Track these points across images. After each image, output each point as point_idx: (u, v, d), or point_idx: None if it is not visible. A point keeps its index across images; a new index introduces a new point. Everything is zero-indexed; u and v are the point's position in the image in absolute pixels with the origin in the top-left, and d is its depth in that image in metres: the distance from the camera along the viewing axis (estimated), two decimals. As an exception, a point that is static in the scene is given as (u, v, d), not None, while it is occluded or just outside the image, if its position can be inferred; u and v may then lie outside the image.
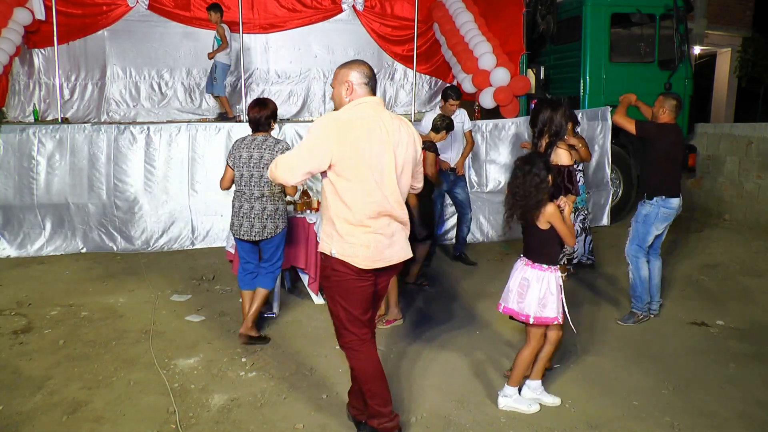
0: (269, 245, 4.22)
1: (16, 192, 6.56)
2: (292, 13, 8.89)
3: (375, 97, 2.80)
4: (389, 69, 9.37)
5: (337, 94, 2.81)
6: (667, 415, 3.35)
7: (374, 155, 2.67)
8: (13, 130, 6.63)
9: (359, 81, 2.75)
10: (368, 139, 2.66)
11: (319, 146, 2.63)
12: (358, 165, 2.64)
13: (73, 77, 8.41)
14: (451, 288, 5.51)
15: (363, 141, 2.65)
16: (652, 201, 4.52)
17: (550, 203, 3.24)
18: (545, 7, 8.60)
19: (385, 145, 2.70)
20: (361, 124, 2.67)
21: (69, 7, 7.95)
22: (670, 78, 7.80)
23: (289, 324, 4.65)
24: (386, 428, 2.93)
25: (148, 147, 6.80)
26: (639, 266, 4.64)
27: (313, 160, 2.66)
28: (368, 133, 2.67)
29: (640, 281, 4.64)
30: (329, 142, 2.62)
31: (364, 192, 2.68)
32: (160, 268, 6.06)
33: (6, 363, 3.91)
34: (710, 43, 14.07)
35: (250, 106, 4.20)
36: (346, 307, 2.84)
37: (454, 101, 5.96)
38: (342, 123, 2.67)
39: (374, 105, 2.77)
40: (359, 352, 2.89)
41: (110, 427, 3.20)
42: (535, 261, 3.31)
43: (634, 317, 4.67)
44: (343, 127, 2.65)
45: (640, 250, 4.63)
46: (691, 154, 8.39)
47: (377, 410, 2.92)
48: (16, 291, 5.29)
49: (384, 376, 2.95)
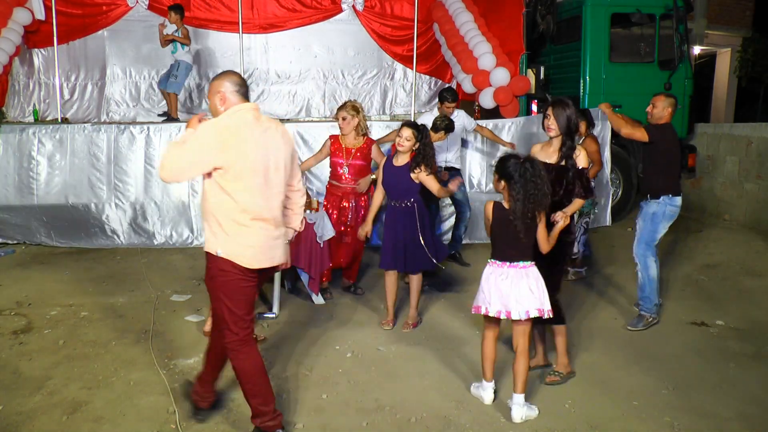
0: None
1: (16, 192, 6.56)
2: (292, 13, 8.89)
3: (250, 103, 2.94)
4: (389, 69, 9.37)
5: (212, 105, 2.92)
6: (667, 415, 3.36)
7: (258, 159, 2.81)
8: (13, 130, 6.64)
9: (231, 90, 2.86)
10: (251, 144, 2.79)
11: (203, 152, 2.74)
12: (244, 168, 2.77)
13: (73, 77, 8.42)
14: (451, 287, 5.51)
15: (247, 145, 2.78)
16: (659, 200, 4.49)
17: None
18: (545, 7, 8.60)
19: (266, 149, 2.85)
20: (244, 130, 2.80)
21: (69, 7, 7.95)
22: (670, 78, 7.79)
23: (289, 324, 4.65)
24: (268, 427, 2.97)
25: (148, 147, 6.80)
26: (648, 265, 4.56)
27: (198, 166, 2.79)
28: (251, 138, 2.80)
29: (649, 281, 4.57)
30: (213, 148, 2.73)
31: (251, 193, 2.81)
32: (160, 268, 6.05)
33: (6, 363, 3.91)
34: (710, 43, 14.06)
35: None
36: (231, 307, 2.88)
37: (449, 103, 5.94)
38: (224, 129, 2.77)
39: (251, 111, 2.89)
40: (239, 352, 2.92)
41: (110, 427, 3.20)
42: (527, 260, 3.30)
43: (643, 321, 4.57)
44: (225, 133, 2.76)
45: (648, 249, 4.57)
46: (691, 154, 8.38)
47: (260, 410, 2.97)
48: (16, 291, 5.29)
49: (265, 375, 3.01)
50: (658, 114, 4.54)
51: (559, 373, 3.72)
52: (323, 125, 7.17)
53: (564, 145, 3.61)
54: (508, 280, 3.27)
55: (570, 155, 3.60)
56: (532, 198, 3.18)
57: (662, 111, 4.52)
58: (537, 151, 3.75)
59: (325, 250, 4.99)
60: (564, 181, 3.60)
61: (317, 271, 4.97)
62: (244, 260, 2.83)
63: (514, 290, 3.26)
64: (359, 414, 3.34)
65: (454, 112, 6.06)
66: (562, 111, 3.59)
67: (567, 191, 3.60)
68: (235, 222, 2.80)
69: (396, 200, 4.45)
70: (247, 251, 2.83)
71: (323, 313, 4.88)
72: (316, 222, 4.95)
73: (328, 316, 4.81)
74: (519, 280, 3.27)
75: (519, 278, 3.27)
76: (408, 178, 4.35)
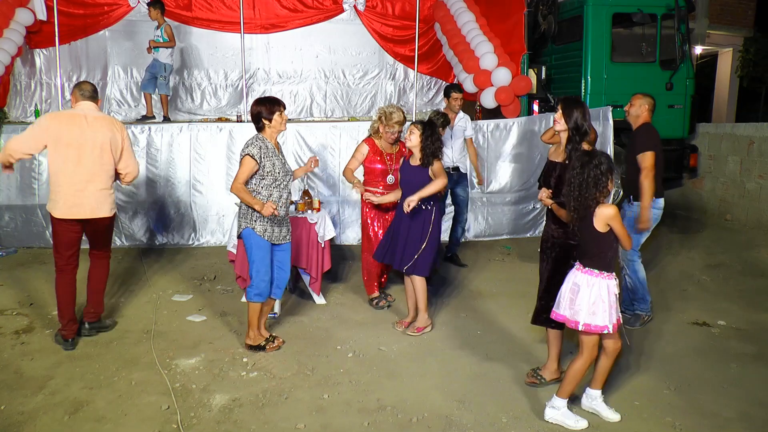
0: None
1: (18, 192, 6.57)
2: (294, 13, 8.89)
3: (89, 102, 4.19)
4: (390, 69, 9.37)
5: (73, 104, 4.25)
6: (668, 416, 3.35)
7: (72, 138, 4.00)
8: (15, 130, 6.64)
9: (78, 94, 4.19)
10: (69, 127, 4.02)
11: (36, 134, 4.04)
12: (58, 145, 4.00)
13: (74, 77, 8.42)
14: (452, 287, 5.51)
15: (65, 128, 4.01)
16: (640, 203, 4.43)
17: (610, 205, 3.10)
18: (546, 7, 8.60)
19: (84, 132, 4.04)
20: (68, 118, 4.09)
21: (70, 8, 7.96)
22: (672, 78, 7.79)
23: (290, 324, 4.65)
24: (62, 334, 4.17)
25: (149, 147, 6.81)
26: (636, 269, 4.62)
27: (31, 143, 4.05)
28: (70, 124, 4.04)
29: (640, 284, 4.63)
30: (44, 131, 4.02)
31: (66, 163, 4.01)
32: (161, 268, 6.06)
33: (8, 363, 3.92)
34: (712, 43, 14.04)
35: None
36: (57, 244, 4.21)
37: (457, 93, 5.96)
38: (55, 117, 4.16)
39: (86, 107, 4.17)
40: (59, 276, 4.19)
41: (112, 426, 3.20)
42: (587, 265, 3.16)
43: (639, 320, 4.64)
44: (54, 120, 4.09)
45: (635, 254, 4.62)
46: (693, 154, 8.38)
47: (59, 320, 4.21)
48: (18, 291, 5.29)
49: (71, 300, 4.21)
50: (634, 113, 4.54)
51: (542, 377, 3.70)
52: (324, 125, 7.17)
53: (570, 141, 3.50)
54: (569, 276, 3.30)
55: (574, 152, 3.48)
56: (572, 188, 3.14)
57: (638, 109, 4.52)
58: (552, 152, 3.71)
59: (326, 251, 4.99)
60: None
61: (318, 271, 4.97)
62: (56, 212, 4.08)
63: (565, 289, 3.28)
64: (361, 414, 3.34)
65: (460, 113, 6.07)
66: (572, 107, 3.47)
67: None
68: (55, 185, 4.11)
69: None
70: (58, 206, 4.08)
71: (324, 313, 4.88)
72: (318, 222, 4.95)
73: (330, 316, 4.81)
74: (568, 278, 3.30)
75: (569, 276, 3.30)
76: (425, 177, 4.26)
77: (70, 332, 4.16)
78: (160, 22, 7.32)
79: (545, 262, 3.67)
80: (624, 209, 4.64)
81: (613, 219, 3.07)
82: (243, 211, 4.03)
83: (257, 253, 3.99)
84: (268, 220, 3.96)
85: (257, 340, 4.13)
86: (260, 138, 3.97)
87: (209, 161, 6.89)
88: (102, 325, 4.45)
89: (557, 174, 3.52)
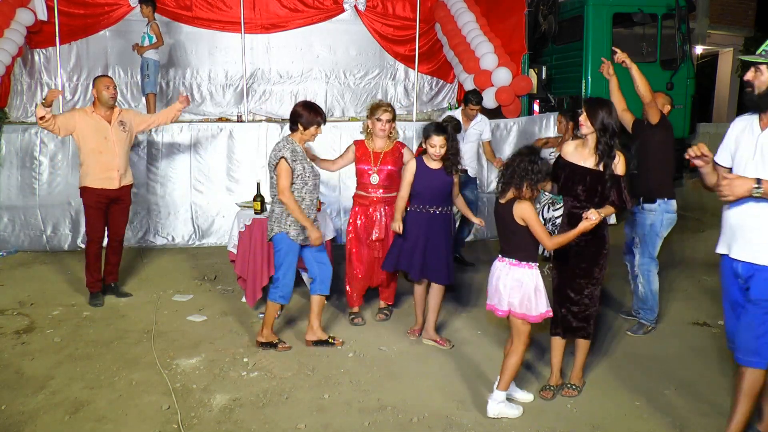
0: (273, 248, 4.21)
1: (18, 192, 6.57)
2: (294, 13, 8.89)
3: None
4: (391, 69, 9.37)
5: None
6: (669, 416, 3.35)
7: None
8: (16, 130, 6.65)
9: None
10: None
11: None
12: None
13: (75, 77, 8.42)
14: (452, 287, 5.50)
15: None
16: (653, 206, 4.37)
17: (527, 202, 3.16)
18: (547, 7, 8.61)
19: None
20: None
21: (71, 8, 7.97)
22: (672, 78, 7.79)
23: (290, 324, 4.65)
24: (89, 286, 5.04)
25: (150, 147, 6.82)
26: (651, 279, 4.48)
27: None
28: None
29: (651, 294, 4.50)
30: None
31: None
32: (161, 268, 6.06)
33: (8, 363, 3.92)
34: (712, 43, 14.04)
35: None
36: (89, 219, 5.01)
37: (474, 105, 5.90)
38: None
39: None
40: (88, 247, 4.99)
41: (112, 426, 3.20)
42: (506, 255, 3.27)
43: (643, 328, 4.53)
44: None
45: (652, 262, 4.47)
46: (694, 154, 8.37)
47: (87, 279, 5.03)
48: (19, 291, 5.30)
49: (97, 261, 5.01)
50: (652, 110, 4.40)
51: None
52: (325, 125, 7.14)
53: (599, 143, 3.33)
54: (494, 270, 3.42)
55: (608, 159, 3.32)
56: (503, 171, 3.29)
57: (664, 106, 4.47)
58: (570, 152, 3.47)
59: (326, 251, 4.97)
60: (599, 188, 3.35)
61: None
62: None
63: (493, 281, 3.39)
64: (361, 414, 3.35)
65: (478, 116, 6.02)
66: (598, 108, 3.31)
67: (603, 199, 3.36)
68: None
69: (428, 206, 4.19)
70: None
71: (324, 312, 4.87)
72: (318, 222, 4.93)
73: (330, 316, 4.81)
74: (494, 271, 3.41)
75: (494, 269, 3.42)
76: (446, 182, 4.16)
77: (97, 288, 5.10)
78: (150, 19, 7.29)
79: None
80: (635, 215, 4.51)
81: (527, 215, 3.15)
82: (276, 214, 4.02)
83: (288, 257, 4.02)
84: (300, 224, 3.98)
85: (270, 338, 4.16)
86: (290, 141, 4.00)
87: (209, 161, 6.89)
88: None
89: (588, 182, 3.36)
